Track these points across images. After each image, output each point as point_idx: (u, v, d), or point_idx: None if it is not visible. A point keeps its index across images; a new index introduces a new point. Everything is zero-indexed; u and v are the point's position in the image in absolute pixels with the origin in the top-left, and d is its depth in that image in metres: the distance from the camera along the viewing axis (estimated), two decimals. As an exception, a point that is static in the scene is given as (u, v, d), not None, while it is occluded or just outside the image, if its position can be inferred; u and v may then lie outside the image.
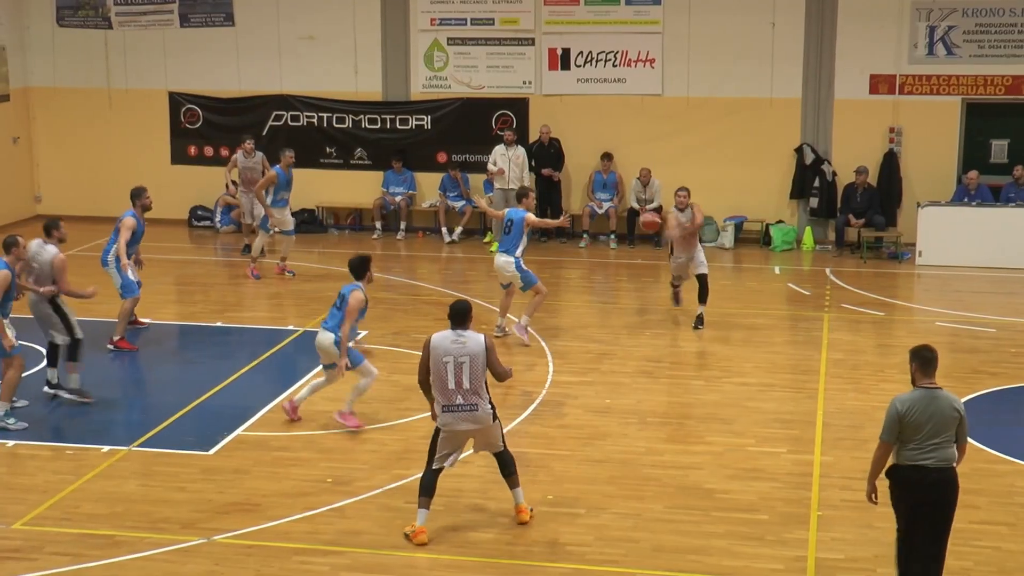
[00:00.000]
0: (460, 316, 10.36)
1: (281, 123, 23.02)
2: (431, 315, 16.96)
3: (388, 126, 22.85)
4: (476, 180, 22.22)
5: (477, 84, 22.50)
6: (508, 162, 21.40)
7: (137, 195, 16.03)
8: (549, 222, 17.01)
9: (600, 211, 21.85)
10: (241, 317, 17.42)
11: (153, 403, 13.86)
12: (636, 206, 21.53)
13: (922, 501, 8.87)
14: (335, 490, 11.38)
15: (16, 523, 10.68)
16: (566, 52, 22.12)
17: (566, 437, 12.71)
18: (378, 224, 22.48)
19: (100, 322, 15.91)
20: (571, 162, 22.17)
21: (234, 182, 20.86)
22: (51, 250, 13.67)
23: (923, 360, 8.97)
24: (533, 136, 22.16)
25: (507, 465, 10.56)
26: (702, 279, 16.37)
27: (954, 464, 8.89)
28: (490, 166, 21.55)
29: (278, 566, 9.94)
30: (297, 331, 16.40)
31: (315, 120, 23.00)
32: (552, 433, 12.82)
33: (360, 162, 22.98)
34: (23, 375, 13.15)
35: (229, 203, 22.49)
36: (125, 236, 15.61)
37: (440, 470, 10.40)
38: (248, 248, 20.24)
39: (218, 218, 23.03)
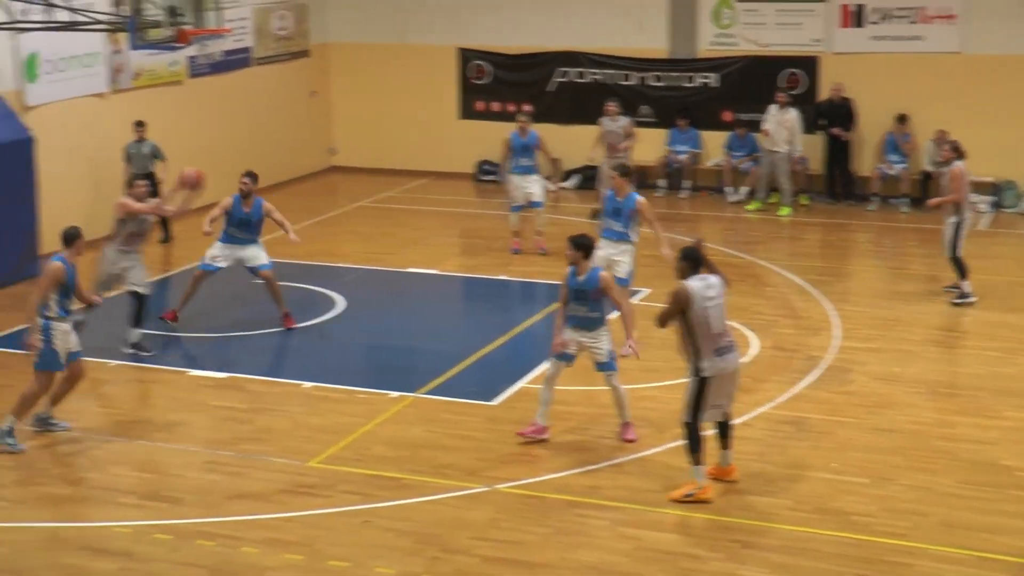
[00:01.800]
0: (699, 260, 10.22)
1: (566, 79, 23.14)
2: (713, 275, 16.78)
3: (673, 84, 22.67)
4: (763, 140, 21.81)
5: (765, 42, 22.07)
6: (777, 124, 20.90)
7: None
8: None
9: (891, 173, 21.13)
10: (525, 271, 17.61)
11: (439, 352, 14.18)
12: (930, 169, 20.74)
13: None
14: (616, 446, 11.43)
15: (312, 461, 11.15)
16: (859, 8, 21.42)
17: (851, 404, 12.38)
18: (661, 182, 22.39)
19: (387, 271, 16.35)
20: (862, 122, 21.49)
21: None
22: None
23: None
24: (823, 95, 21.59)
25: (728, 429, 10.50)
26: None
27: None
28: (762, 126, 21.13)
29: (557, 518, 10.06)
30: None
31: (600, 77, 23.01)
32: (837, 400, 12.51)
33: (645, 119, 22.85)
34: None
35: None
36: (213, 211, 14.62)
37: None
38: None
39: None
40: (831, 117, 21.29)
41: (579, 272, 11.27)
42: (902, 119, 21.02)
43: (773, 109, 21.00)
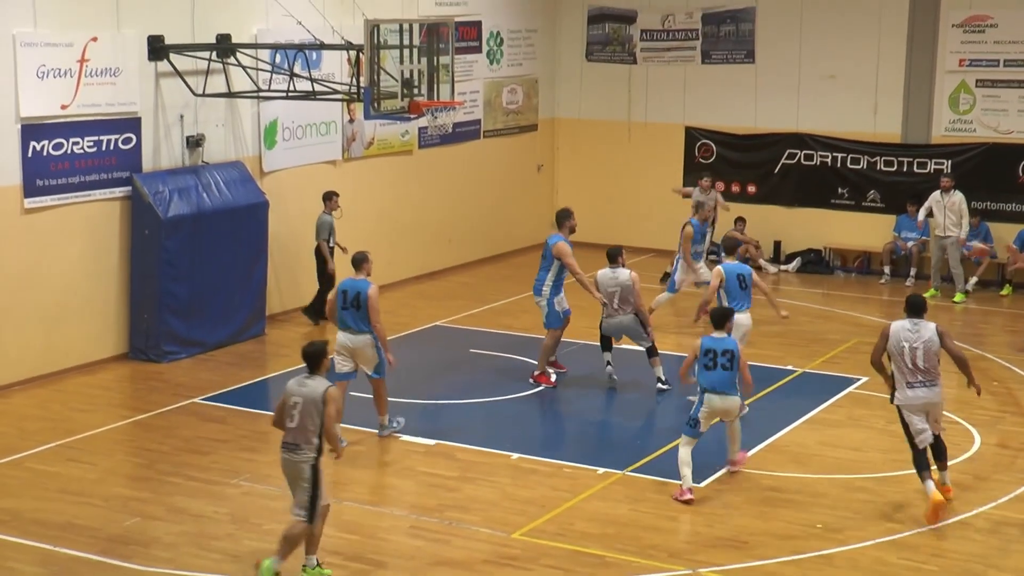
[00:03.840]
0: (918, 308, 11.40)
1: (794, 161, 22.88)
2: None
3: (904, 169, 22.15)
4: (999, 230, 21.09)
5: (1005, 129, 21.39)
6: (943, 209, 20.27)
7: (565, 217, 15.75)
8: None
9: None
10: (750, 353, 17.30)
11: (649, 429, 14.06)
12: None
13: None
14: (825, 536, 11.11)
15: (515, 532, 11.15)
16: (1109, 96, 20.63)
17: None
18: (886, 269, 21.83)
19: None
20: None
21: None
22: (624, 273, 15.13)
23: None
24: (1063, 184, 20.83)
25: (942, 453, 11.57)
26: None
27: None
28: (920, 215, 20.90)
29: (762, 607, 9.82)
30: (796, 371, 16.18)
31: (828, 160, 22.67)
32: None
33: (872, 204, 22.41)
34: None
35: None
36: (571, 263, 15.32)
37: (926, 449, 11.38)
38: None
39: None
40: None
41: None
42: None
43: (936, 195, 20.38)
